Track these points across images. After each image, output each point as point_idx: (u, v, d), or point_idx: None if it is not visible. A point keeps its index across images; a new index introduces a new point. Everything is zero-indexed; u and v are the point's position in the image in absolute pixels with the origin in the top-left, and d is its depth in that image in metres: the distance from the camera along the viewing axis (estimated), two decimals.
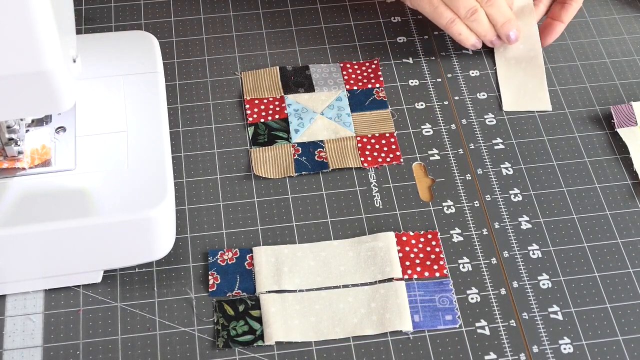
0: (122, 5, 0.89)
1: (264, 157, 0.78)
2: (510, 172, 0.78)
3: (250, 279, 0.70)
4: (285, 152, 0.78)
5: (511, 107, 0.82)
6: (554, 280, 0.71)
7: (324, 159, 0.77)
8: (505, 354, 0.67)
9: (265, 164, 0.77)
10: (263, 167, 0.77)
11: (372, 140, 0.79)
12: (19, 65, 0.55)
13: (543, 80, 0.84)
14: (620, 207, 0.76)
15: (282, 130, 0.79)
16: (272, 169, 0.77)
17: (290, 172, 0.77)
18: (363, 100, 0.82)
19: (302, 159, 0.77)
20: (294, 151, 0.78)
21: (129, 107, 0.71)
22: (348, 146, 0.79)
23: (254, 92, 0.82)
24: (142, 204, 0.65)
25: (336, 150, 0.78)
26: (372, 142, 0.79)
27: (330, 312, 0.69)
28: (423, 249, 0.73)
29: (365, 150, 0.78)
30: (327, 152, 0.78)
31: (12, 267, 0.66)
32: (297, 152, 0.78)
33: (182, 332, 0.68)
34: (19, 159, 0.67)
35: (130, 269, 0.71)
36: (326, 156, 0.77)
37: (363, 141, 0.79)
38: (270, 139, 0.79)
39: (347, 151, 0.78)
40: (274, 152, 0.78)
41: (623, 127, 0.81)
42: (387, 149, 0.79)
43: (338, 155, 0.78)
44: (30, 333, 0.67)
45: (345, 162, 0.77)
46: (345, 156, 0.78)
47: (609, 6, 0.92)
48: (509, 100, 0.83)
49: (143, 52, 0.75)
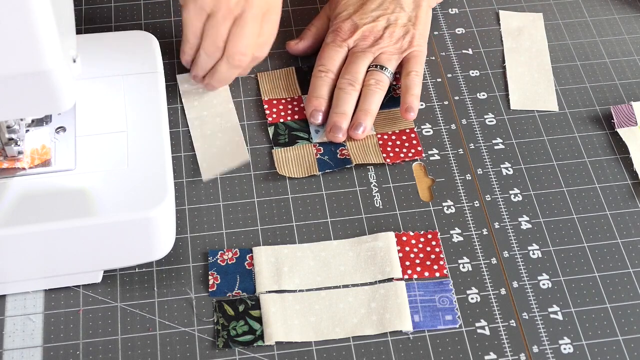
0: (122, 5, 0.89)
1: (286, 157, 0.78)
2: (510, 172, 0.78)
3: (250, 279, 0.70)
4: (307, 152, 0.78)
5: (519, 106, 0.82)
6: (554, 280, 0.71)
7: (346, 156, 0.77)
8: (505, 354, 0.67)
9: (289, 164, 0.77)
10: (286, 167, 0.77)
11: (393, 137, 0.79)
12: (19, 65, 0.55)
13: (551, 81, 0.84)
14: (620, 207, 0.76)
15: (302, 131, 0.79)
16: (295, 168, 0.77)
17: (313, 170, 0.77)
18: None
19: (324, 158, 0.77)
20: (316, 151, 0.78)
21: (129, 107, 0.71)
22: (369, 144, 0.79)
23: (272, 93, 0.82)
24: (142, 204, 0.65)
25: (358, 148, 0.78)
26: (392, 139, 0.79)
27: (330, 312, 0.69)
28: (423, 249, 0.73)
29: (386, 147, 0.79)
30: (350, 150, 0.78)
31: (12, 267, 0.66)
32: (319, 151, 0.78)
33: (182, 332, 0.68)
34: (19, 159, 0.67)
35: (130, 269, 0.71)
36: (349, 153, 0.78)
37: (384, 138, 0.79)
38: (290, 139, 0.79)
39: (368, 149, 0.78)
40: (297, 152, 0.78)
41: (623, 127, 0.81)
42: (408, 145, 0.79)
43: (360, 152, 0.78)
44: (30, 333, 0.67)
45: (368, 158, 0.77)
46: (367, 153, 0.78)
47: (609, 6, 0.92)
48: (517, 99, 0.83)
49: (143, 52, 0.75)
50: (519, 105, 0.83)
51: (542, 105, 0.83)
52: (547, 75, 0.85)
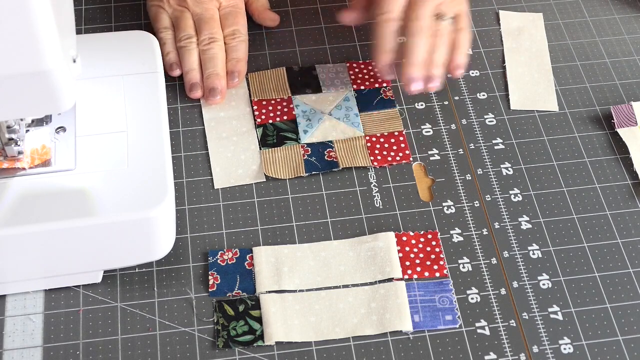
0: (122, 5, 0.89)
1: (274, 158, 0.77)
2: (510, 172, 0.78)
3: (250, 279, 0.70)
4: (294, 153, 0.78)
5: (519, 106, 0.82)
6: (554, 280, 0.71)
7: (334, 159, 0.77)
8: (505, 354, 0.67)
9: (276, 165, 0.77)
10: (273, 168, 0.77)
11: (381, 140, 0.79)
12: (19, 65, 0.55)
13: (551, 81, 0.84)
14: (620, 207, 0.76)
15: (291, 131, 0.79)
16: (282, 169, 0.77)
17: (300, 172, 0.77)
18: (371, 99, 0.82)
19: (311, 159, 0.77)
20: (304, 152, 0.78)
21: (129, 107, 0.71)
22: (357, 146, 0.79)
23: (262, 94, 0.82)
24: (142, 204, 0.65)
25: (346, 150, 0.78)
26: (381, 142, 0.79)
27: (330, 312, 0.69)
28: (423, 249, 0.73)
29: (374, 149, 0.78)
30: (337, 152, 0.78)
31: (12, 267, 0.66)
32: (307, 152, 0.78)
33: (182, 332, 0.68)
34: (19, 159, 0.67)
35: (130, 269, 0.71)
36: (336, 156, 0.77)
37: (372, 140, 0.79)
38: (279, 140, 0.79)
39: (356, 151, 0.78)
40: (284, 152, 0.78)
41: (623, 127, 0.81)
42: (396, 148, 0.79)
43: (348, 154, 0.78)
44: (30, 333, 0.67)
45: (355, 161, 0.77)
46: (355, 156, 0.78)
47: (609, 6, 0.92)
48: (517, 99, 0.83)
49: (143, 52, 0.75)
50: (519, 105, 0.83)
51: (542, 105, 0.83)
52: (547, 75, 0.85)
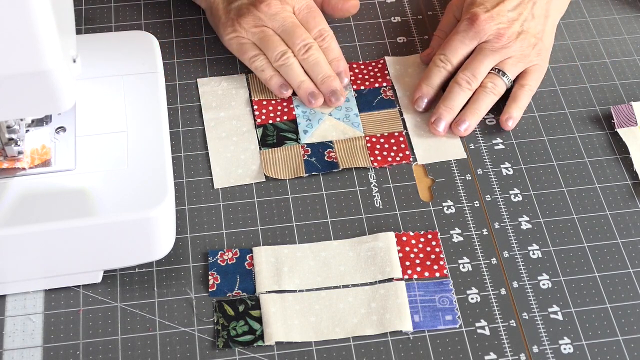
0: (122, 5, 0.89)
1: (273, 158, 0.77)
2: (510, 172, 0.78)
3: (250, 279, 0.70)
4: (294, 153, 0.78)
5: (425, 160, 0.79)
6: (554, 280, 0.71)
7: (334, 159, 0.77)
8: (505, 354, 0.67)
9: (275, 165, 0.77)
10: (273, 168, 0.77)
11: (382, 140, 0.79)
12: (19, 65, 0.55)
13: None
14: (620, 207, 0.76)
15: (291, 132, 0.79)
16: (282, 169, 0.77)
17: (300, 172, 0.77)
18: (371, 99, 0.82)
19: (311, 160, 0.77)
20: (304, 152, 0.78)
21: (129, 107, 0.71)
22: (357, 146, 0.78)
23: (262, 94, 0.82)
24: (142, 204, 0.65)
25: (346, 150, 0.78)
26: (381, 142, 0.79)
27: (330, 312, 0.69)
28: (423, 249, 0.73)
29: (374, 150, 0.78)
30: (337, 152, 0.78)
31: (12, 267, 0.66)
32: (307, 152, 0.78)
33: (182, 332, 0.68)
34: (19, 159, 0.67)
35: (130, 269, 0.71)
36: (336, 156, 0.77)
37: (372, 141, 0.79)
38: (279, 140, 0.79)
39: (356, 151, 0.78)
40: (284, 153, 0.78)
41: (623, 127, 0.81)
42: (396, 148, 0.79)
43: (348, 155, 0.78)
44: (30, 333, 0.67)
45: (355, 162, 0.77)
46: (354, 156, 0.78)
47: (609, 6, 0.92)
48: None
49: (143, 52, 0.76)
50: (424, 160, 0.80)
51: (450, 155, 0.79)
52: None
